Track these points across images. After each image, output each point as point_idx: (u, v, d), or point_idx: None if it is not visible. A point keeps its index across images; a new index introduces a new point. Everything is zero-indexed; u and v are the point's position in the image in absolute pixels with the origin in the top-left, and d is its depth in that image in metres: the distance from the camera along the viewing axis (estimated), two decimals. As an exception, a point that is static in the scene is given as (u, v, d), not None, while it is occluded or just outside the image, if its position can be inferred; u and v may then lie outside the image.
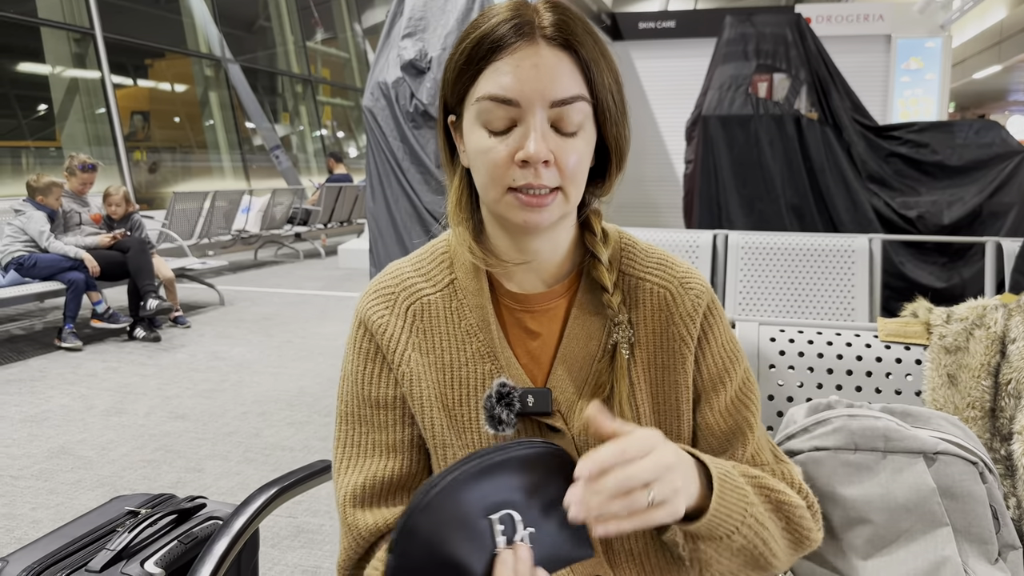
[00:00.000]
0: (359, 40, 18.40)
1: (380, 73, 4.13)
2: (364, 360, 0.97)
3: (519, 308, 0.96)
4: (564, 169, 0.84)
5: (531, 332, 0.96)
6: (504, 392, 0.91)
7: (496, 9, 0.86)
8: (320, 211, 11.00)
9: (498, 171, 0.85)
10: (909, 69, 8.78)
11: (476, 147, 0.86)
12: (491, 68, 0.83)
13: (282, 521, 2.83)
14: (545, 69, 0.82)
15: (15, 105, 9.65)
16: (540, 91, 0.82)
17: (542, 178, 0.83)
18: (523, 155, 0.82)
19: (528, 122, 0.83)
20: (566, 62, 0.83)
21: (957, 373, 1.34)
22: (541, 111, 0.83)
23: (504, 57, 0.83)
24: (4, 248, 5.51)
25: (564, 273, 0.97)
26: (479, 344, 0.94)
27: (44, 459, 3.42)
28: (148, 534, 1.30)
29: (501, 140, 0.84)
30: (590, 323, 0.95)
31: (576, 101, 0.84)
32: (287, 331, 6.02)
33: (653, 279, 0.98)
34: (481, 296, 0.95)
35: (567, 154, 0.84)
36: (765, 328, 1.48)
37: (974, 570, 1.07)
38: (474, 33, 0.85)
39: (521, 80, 0.82)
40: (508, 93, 0.82)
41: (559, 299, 0.97)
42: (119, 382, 4.64)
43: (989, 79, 19.71)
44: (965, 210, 4.66)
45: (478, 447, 0.93)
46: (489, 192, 0.87)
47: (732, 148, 5.02)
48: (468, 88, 0.86)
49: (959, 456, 1.11)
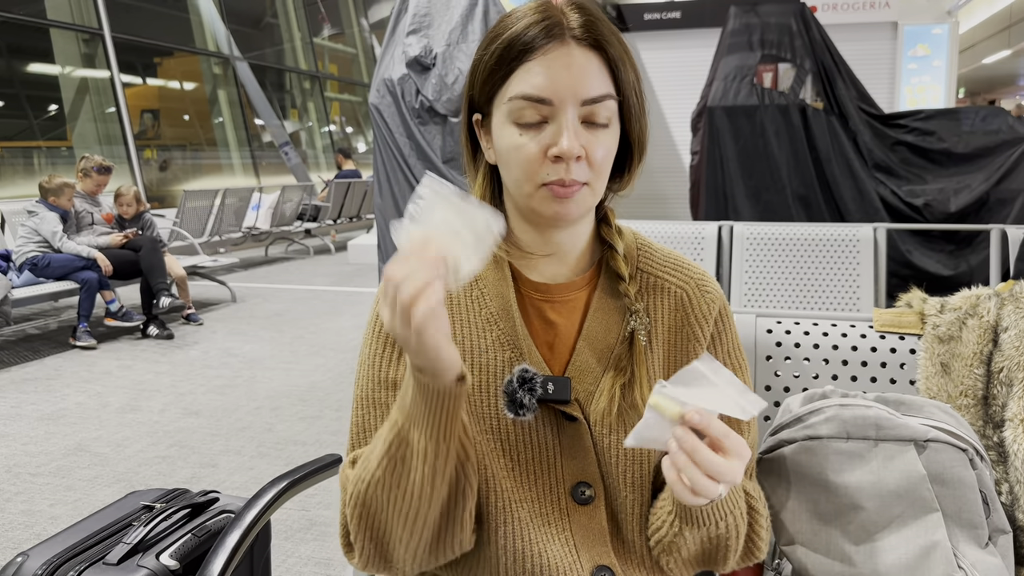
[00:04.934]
0: (366, 36, 18.43)
1: (386, 70, 4.16)
2: (383, 344, 0.99)
3: (540, 298, 0.99)
4: (593, 163, 0.88)
5: (550, 322, 0.98)
6: (527, 377, 0.93)
7: (522, 11, 0.89)
8: (330, 207, 11.04)
9: (531, 167, 0.88)
10: (916, 56, 8.73)
11: (508, 143, 0.89)
12: (523, 69, 0.87)
13: (295, 514, 2.87)
14: (576, 69, 0.86)
15: (26, 106, 9.73)
16: (572, 89, 0.86)
17: (573, 173, 0.87)
18: (557, 151, 0.86)
19: (560, 120, 0.86)
20: (595, 62, 0.87)
21: (950, 362, 1.36)
22: (573, 109, 0.86)
23: (536, 58, 0.86)
24: (18, 249, 5.58)
25: (585, 266, 1.01)
26: (499, 332, 0.96)
27: (61, 456, 3.48)
28: (163, 528, 1.34)
29: (533, 137, 0.87)
30: (609, 316, 0.98)
31: (605, 99, 0.87)
32: (298, 327, 6.07)
33: (671, 279, 1.01)
34: (503, 285, 0.97)
35: (596, 148, 0.88)
36: (762, 319, 1.51)
37: (964, 554, 1.09)
38: (504, 35, 0.88)
39: (554, 80, 0.85)
40: (542, 92, 0.86)
41: (579, 291, 0.99)
42: (133, 379, 4.70)
43: (999, 64, 19.54)
44: (972, 197, 4.66)
45: (495, 434, 0.95)
46: (522, 187, 0.90)
47: (738, 139, 5.03)
48: (498, 88, 0.90)
49: (949, 443, 1.13)
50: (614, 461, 0.96)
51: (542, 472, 0.96)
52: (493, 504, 0.95)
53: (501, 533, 0.94)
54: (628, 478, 0.96)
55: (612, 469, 0.96)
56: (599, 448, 0.96)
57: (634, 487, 0.96)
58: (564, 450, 0.96)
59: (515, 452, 0.95)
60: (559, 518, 0.96)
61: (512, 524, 0.94)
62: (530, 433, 0.95)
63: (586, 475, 0.96)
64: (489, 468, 0.94)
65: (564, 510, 0.96)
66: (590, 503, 0.96)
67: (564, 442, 0.96)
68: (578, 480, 0.96)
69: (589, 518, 0.96)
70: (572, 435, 0.96)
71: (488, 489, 0.95)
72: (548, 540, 0.94)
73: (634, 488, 0.96)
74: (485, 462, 0.94)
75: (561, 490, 0.96)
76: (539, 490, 0.96)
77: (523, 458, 0.95)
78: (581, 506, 0.96)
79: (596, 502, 0.96)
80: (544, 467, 0.96)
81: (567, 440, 0.96)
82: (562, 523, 0.96)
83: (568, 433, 0.96)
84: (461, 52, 4.00)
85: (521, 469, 0.95)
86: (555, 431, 0.95)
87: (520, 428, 0.95)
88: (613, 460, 0.96)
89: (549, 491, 0.96)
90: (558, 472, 0.96)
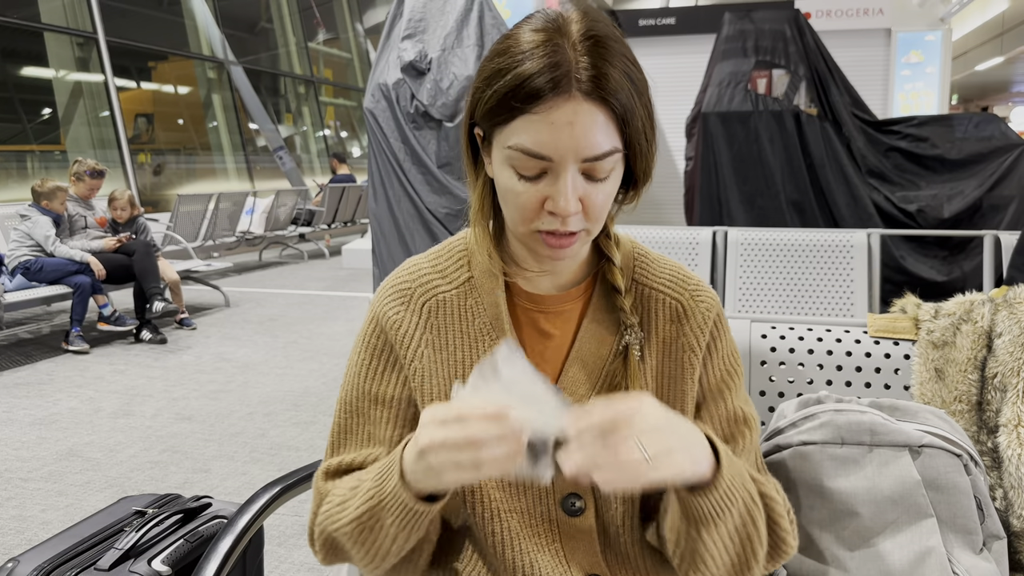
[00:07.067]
0: (361, 40, 18.44)
1: (381, 75, 4.16)
2: (371, 355, 0.99)
3: (534, 309, 0.98)
4: (591, 212, 0.85)
5: (544, 333, 0.98)
6: None
7: (530, 42, 0.83)
8: (324, 212, 11.03)
9: (527, 214, 0.86)
10: (909, 63, 8.77)
11: (505, 185, 0.86)
12: (525, 119, 0.82)
13: (288, 519, 2.86)
14: (580, 127, 0.81)
15: (20, 110, 9.70)
16: (574, 149, 0.81)
17: (569, 226, 0.85)
18: (553, 208, 0.83)
19: (560, 176, 0.83)
20: (601, 117, 0.81)
21: (944, 367, 1.36)
22: (573, 166, 0.82)
23: (539, 112, 0.80)
24: (11, 253, 5.55)
25: (580, 277, 0.99)
26: (492, 342, 0.96)
27: (53, 461, 3.46)
28: (155, 533, 1.33)
29: (531, 185, 0.84)
30: (603, 327, 0.97)
31: (609, 156, 0.83)
32: (292, 332, 6.06)
33: (666, 291, 1.00)
34: (496, 295, 0.97)
35: (595, 197, 0.85)
36: (757, 325, 1.51)
37: (958, 560, 1.09)
38: (510, 72, 0.82)
39: (555, 137, 0.81)
40: (542, 150, 0.82)
41: (574, 302, 0.99)
42: (126, 384, 4.68)
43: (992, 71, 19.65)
44: (965, 203, 4.67)
45: None
46: (517, 227, 0.89)
47: (732, 145, 5.04)
48: (499, 128, 0.85)
49: (944, 449, 1.13)
50: None
51: (532, 483, 0.95)
52: (481, 515, 0.95)
53: (491, 543, 0.94)
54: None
55: None
56: None
57: (625, 498, 0.96)
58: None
59: None
60: (549, 529, 0.96)
61: (502, 534, 0.94)
62: None
63: (576, 487, 0.95)
64: (476, 480, 0.94)
65: (554, 521, 0.96)
66: (580, 514, 0.96)
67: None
68: (569, 491, 0.95)
69: (579, 529, 0.96)
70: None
71: (476, 500, 0.95)
72: (538, 550, 0.94)
73: (625, 499, 0.96)
74: None
75: (551, 501, 0.96)
76: (529, 501, 0.95)
77: None
78: (571, 517, 0.96)
79: (587, 513, 0.96)
80: None
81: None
82: (552, 534, 0.96)
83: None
84: (456, 57, 4.00)
85: (510, 480, 0.95)
86: None
87: None
88: None
89: (539, 502, 0.96)
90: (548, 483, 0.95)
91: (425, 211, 4.08)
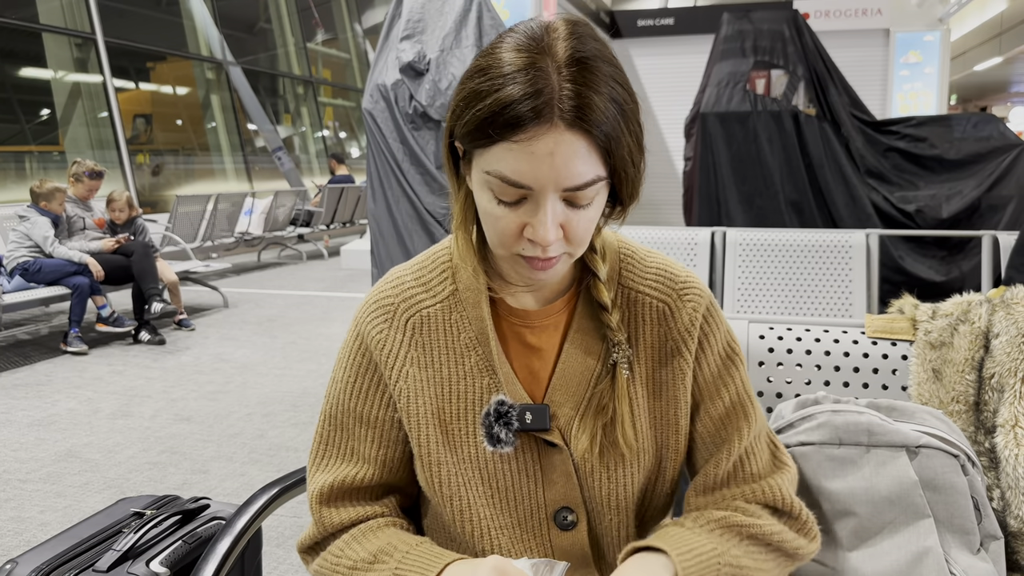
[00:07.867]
0: (360, 41, 18.43)
1: (379, 75, 4.16)
2: (355, 373, 0.98)
3: (519, 323, 0.97)
4: (572, 238, 0.83)
5: (531, 347, 0.97)
6: (503, 411, 0.91)
7: (512, 64, 0.78)
8: (323, 212, 11.04)
9: (506, 240, 0.84)
10: (908, 63, 8.78)
11: (485, 208, 0.84)
12: (504, 145, 0.78)
13: (287, 521, 2.86)
14: (561, 157, 0.77)
15: (18, 110, 9.70)
16: (555, 179, 0.78)
17: (550, 252, 0.83)
18: (532, 236, 0.81)
19: (540, 205, 0.80)
20: (583, 146, 0.78)
21: (942, 368, 1.36)
22: (554, 195, 0.80)
23: (520, 140, 0.77)
24: (9, 254, 5.55)
25: (564, 288, 0.98)
26: (477, 358, 0.94)
27: (51, 462, 3.46)
28: (153, 534, 1.33)
29: (510, 210, 0.82)
30: (588, 339, 0.96)
31: (591, 185, 0.80)
32: (291, 332, 6.06)
33: (653, 292, 0.97)
34: (480, 309, 0.95)
35: (576, 224, 0.82)
36: (755, 326, 1.51)
37: (956, 560, 1.10)
38: (490, 97, 0.78)
39: (536, 167, 0.77)
40: (521, 179, 0.78)
41: (558, 314, 0.97)
42: (125, 385, 4.68)
43: (990, 71, 19.66)
44: (964, 204, 4.68)
45: (474, 462, 0.94)
46: (497, 249, 0.87)
47: (731, 145, 5.04)
48: (478, 149, 0.82)
49: (941, 449, 1.14)
50: (597, 485, 0.95)
51: (523, 498, 0.95)
52: (470, 534, 0.95)
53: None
54: (612, 501, 0.95)
55: (595, 493, 0.95)
56: (581, 473, 0.95)
57: (618, 510, 0.96)
58: (546, 476, 0.95)
59: (495, 480, 0.94)
60: (541, 543, 0.95)
61: (493, 551, 0.94)
62: (510, 461, 0.94)
63: (568, 500, 0.95)
64: (465, 498, 0.94)
65: (546, 535, 0.95)
66: (573, 528, 0.96)
67: (546, 468, 0.95)
68: (561, 505, 0.95)
69: (571, 543, 0.96)
70: (553, 461, 0.94)
71: (464, 520, 0.94)
72: None
73: (618, 511, 0.96)
74: (461, 492, 0.94)
75: (543, 515, 0.95)
76: (520, 516, 0.95)
77: (503, 485, 0.95)
78: (564, 531, 0.96)
79: (579, 527, 0.96)
80: (525, 493, 0.95)
81: (548, 466, 0.95)
82: (544, 548, 0.95)
83: (549, 459, 0.94)
84: (454, 57, 4.00)
85: (501, 496, 0.95)
86: (535, 457, 0.94)
87: (500, 456, 0.94)
88: (596, 484, 0.95)
89: (530, 516, 0.95)
90: (539, 498, 0.95)
91: (424, 212, 4.08)
